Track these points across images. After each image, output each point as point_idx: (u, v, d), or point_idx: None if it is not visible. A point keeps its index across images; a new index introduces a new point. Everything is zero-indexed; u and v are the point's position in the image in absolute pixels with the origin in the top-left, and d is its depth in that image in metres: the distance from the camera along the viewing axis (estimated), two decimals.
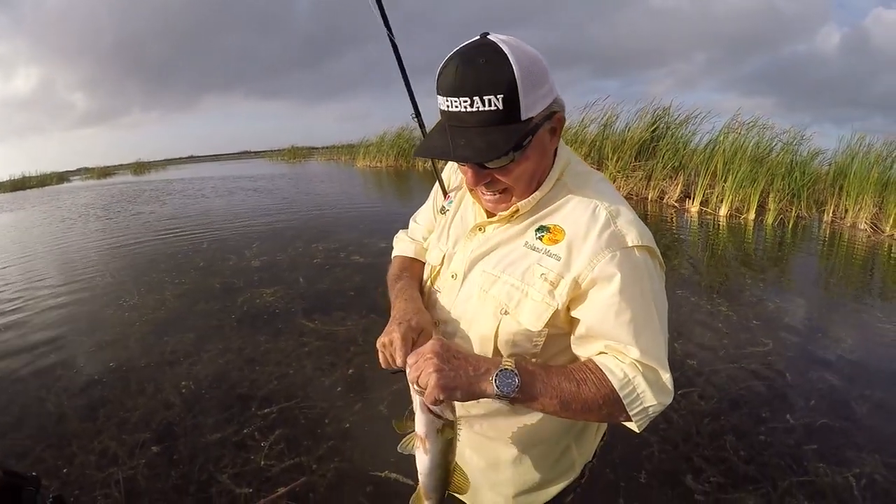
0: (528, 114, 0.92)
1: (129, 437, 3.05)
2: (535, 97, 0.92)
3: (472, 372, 0.94)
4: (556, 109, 0.99)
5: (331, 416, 3.16)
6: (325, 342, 4.20)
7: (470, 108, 0.90)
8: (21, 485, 0.80)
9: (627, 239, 0.98)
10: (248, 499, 2.51)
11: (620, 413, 0.96)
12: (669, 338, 1.00)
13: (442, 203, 1.33)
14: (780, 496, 2.50)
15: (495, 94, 0.88)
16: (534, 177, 1.04)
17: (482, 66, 0.88)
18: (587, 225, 1.00)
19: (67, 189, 25.68)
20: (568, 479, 1.29)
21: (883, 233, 8.24)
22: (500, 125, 0.91)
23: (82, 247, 8.97)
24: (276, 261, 6.86)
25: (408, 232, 1.47)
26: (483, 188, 1.05)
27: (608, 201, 1.03)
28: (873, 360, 3.90)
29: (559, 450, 1.25)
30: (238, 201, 14.10)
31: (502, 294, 1.04)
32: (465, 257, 1.14)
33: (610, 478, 2.63)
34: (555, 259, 1.00)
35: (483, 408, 1.18)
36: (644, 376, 0.95)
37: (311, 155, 36.54)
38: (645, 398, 0.95)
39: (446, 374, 0.92)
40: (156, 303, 5.40)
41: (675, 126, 11.51)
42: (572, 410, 0.96)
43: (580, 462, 1.30)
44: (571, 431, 1.24)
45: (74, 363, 4.09)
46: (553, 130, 1.02)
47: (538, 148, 0.99)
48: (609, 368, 0.96)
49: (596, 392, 0.95)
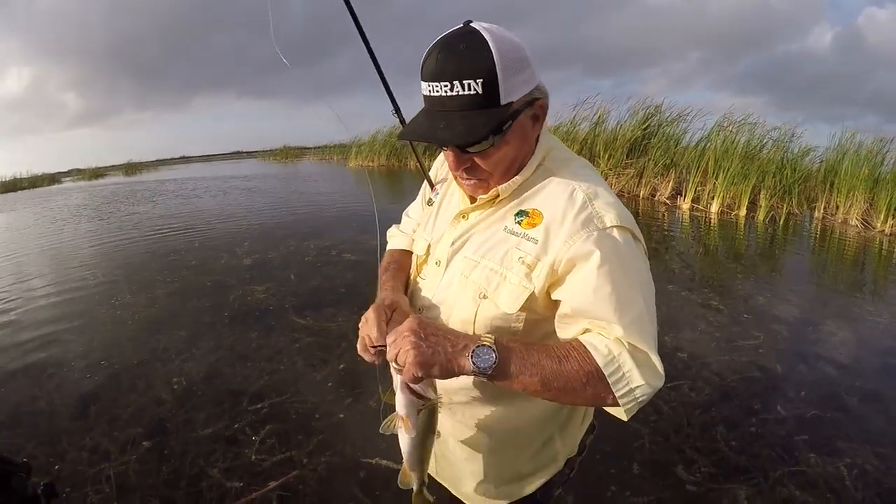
0: (508, 98, 0.93)
1: (121, 433, 3.06)
2: (514, 82, 0.93)
3: (451, 348, 0.93)
4: (538, 96, 1.00)
5: (321, 411, 3.18)
6: (317, 338, 4.21)
7: (450, 92, 0.92)
8: (11, 471, 0.80)
9: (606, 219, 0.98)
10: (239, 493, 2.52)
11: (606, 394, 0.92)
12: (660, 331, 0.99)
13: (429, 195, 1.35)
14: (772, 486, 2.52)
15: (475, 79, 0.90)
16: (514, 162, 1.05)
17: (463, 51, 0.91)
18: (564, 207, 1.00)
19: (59, 190, 25.51)
20: (550, 472, 1.28)
21: (874, 229, 8.30)
22: (480, 109, 0.92)
23: (74, 247, 8.94)
24: (268, 259, 6.88)
25: (399, 226, 1.49)
26: (463, 173, 1.05)
27: (587, 184, 1.03)
28: (864, 352, 3.94)
29: (541, 440, 1.24)
30: (230, 201, 14.06)
31: (481, 279, 1.05)
32: (447, 245, 1.15)
33: (601, 469, 2.64)
34: (532, 242, 1.01)
35: (465, 395, 1.17)
36: (630, 354, 0.92)
37: (303, 155, 36.39)
38: (632, 378, 0.91)
39: (423, 351, 0.92)
40: (147, 301, 5.40)
41: (667, 124, 11.58)
42: (554, 389, 0.92)
43: (563, 454, 1.29)
44: (555, 421, 1.24)
45: (66, 361, 4.08)
46: (535, 117, 1.03)
47: (518, 133, 1.00)
48: (593, 345, 0.93)
49: (579, 369, 0.91)
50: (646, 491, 2.51)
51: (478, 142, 0.96)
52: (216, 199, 14.55)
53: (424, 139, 0.99)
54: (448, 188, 1.27)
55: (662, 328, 3.89)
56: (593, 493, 2.49)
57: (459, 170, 1.04)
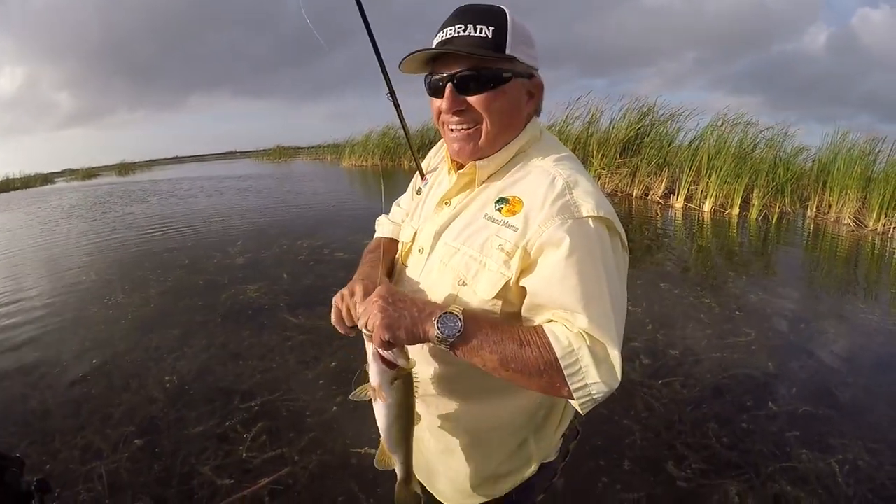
0: (513, 52, 1.00)
1: (113, 431, 3.07)
2: (521, 47, 1.01)
3: (417, 313, 0.96)
4: (536, 73, 1.08)
5: (312, 409, 3.20)
6: (309, 336, 4.23)
7: (463, 32, 0.99)
8: (5, 466, 0.81)
9: (582, 209, 0.97)
10: (230, 490, 2.54)
11: (561, 385, 0.92)
12: (652, 328, 1.00)
13: (419, 185, 1.37)
14: (763, 482, 2.53)
15: (487, 25, 0.98)
16: (503, 123, 1.06)
17: (480, 7, 1.01)
18: (544, 195, 1.00)
19: (52, 190, 25.43)
20: (524, 474, 1.26)
21: (866, 227, 8.33)
22: (487, 49, 0.98)
23: (67, 246, 8.93)
24: (261, 258, 6.89)
25: (389, 215, 1.50)
26: (454, 119, 1.07)
27: (568, 172, 1.04)
28: (855, 349, 3.97)
29: (516, 442, 1.23)
30: (224, 200, 14.06)
31: (461, 266, 1.06)
32: (431, 232, 1.16)
33: (592, 465, 2.66)
34: (512, 230, 1.01)
35: (439, 388, 1.17)
36: (590, 349, 0.91)
37: (296, 154, 36.34)
38: (588, 374, 0.92)
39: (390, 315, 0.95)
40: (140, 300, 5.41)
41: (660, 123, 11.62)
42: (511, 371, 0.93)
43: (537, 458, 1.27)
44: (531, 424, 1.22)
45: (59, 360, 4.09)
46: (530, 94, 1.08)
47: (513, 95, 1.05)
48: (555, 335, 0.93)
49: (538, 356, 0.92)
50: (636, 487, 2.52)
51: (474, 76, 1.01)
52: (210, 199, 14.54)
53: (424, 50, 1.03)
54: (436, 177, 1.28)
55: (655, 326, 3.88)
56: (583, 489, 2.51)
57: (452, 110, 1.05)
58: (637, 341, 3.88)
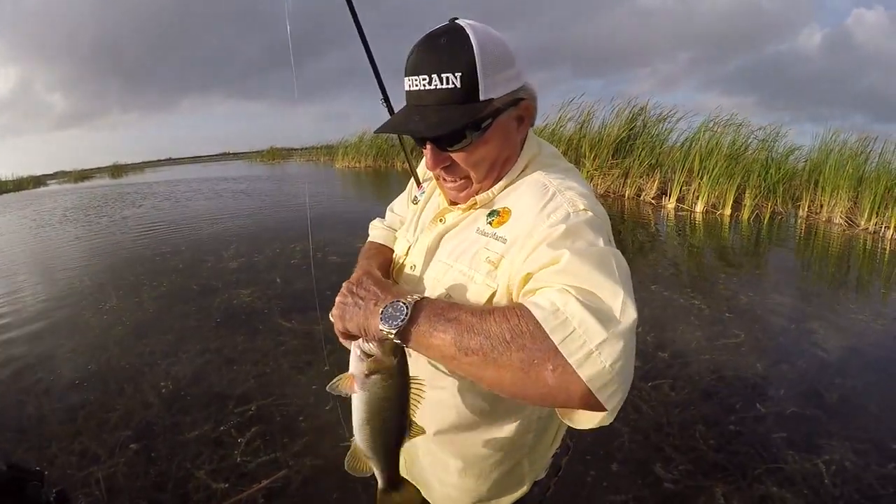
0: (489, 95, 0.91)
1: (109, 436, 3.11)
2: (496, 79, 0.91)
3: (373, 306, 0.87)
4: (523, 97, 0.98)
5: (306, 414, 3.24)
6: (302, 341, 4.26)
7: (428, 85, 0.90)
8: (26, 479, 0.82)
9: (577, 205, 0.92)
10: (225, 494, 2.59)
11: (545, 358, 0.69)
12: (642, 330, 0.89)
13: (415, 193, 1.33)
14: (750, 483, 2.55)
15: (453, 73, 0.88)
16: (494, 164, 1.01)
17: (442, 45, 0.90)
18: (533, 201, 0.95)
19: (44, 193, 25.26)
20: (515, 494, 1.25)
21: (857, 226, 8.39)
22: (458, 104, 0.90)
23: (60, 251, 8.91)
24: (254, 262, 6.91)
25: (383, 220, 1.46)
26: (444, 174, 1.03)
27: (560, 177, 1.00)
28: (845, 349, 4.00)
29: (509, 465, 1.20)
30: (217, 203, 14.02)
31: (451, 282, 1.02)
32: (423, 248, 1.13)
33: (580, 468, 2.69)
34: (500, 242, 0.96)
35: (430, 412, 1.08)
36: (579, 301, 0.71)
37: (290, 156, 36.19)
38: (588, 330, 0.69)
39: (345, 307, 0.92)
40: (134, 305, 5.43)
41: (652, 124, 11.63)
42: (472, 351, 0.74)
43: (530, 477, 1.25)
44: (524, 445, 1.19)
45: (54, 366, 4.11)
46: (520, 119, 1.01)
47: (500, 133, 0.97)
48: (533, 301, 0.75)
49: (503, 321, 0.74)
50: (624, 489, 2.55)
51: (451, 134, 0.93)
52: (203, 202, 14.50)
53: (396, 130, 1.00)
54: (432, 190, 1.25)
55: (645, 329, 3.91)
56: (571, 492, 2.53)
57: (437, 168, 1.01)
58: None
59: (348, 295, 0.93)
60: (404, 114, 0.97)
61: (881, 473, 2.62)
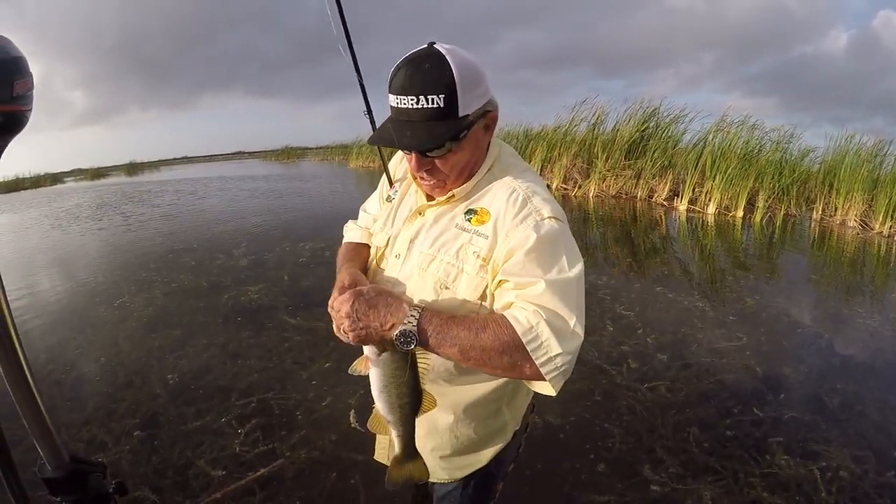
0: (465, 111, 1.08)
1: (116, 425, 3.22)
2: (471, 97, 1.08)
3: (380, 327, 1.05)
4: (489, 108, 1.16)
5: (304, 408, 3.33)
6: (306, 337, 4.36)
7: (416, 105, 1.06)
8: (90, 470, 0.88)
9: (543, 212, 1.12)
10: (222, 481, 2.68)
11: (524, 363, 1.00)
12: (643, 332, 1.09)
13: (388, 192, 1.47)
14: (741, 487, 2.54)
15: (437, 94, 1.04)
16: (467, 166, 1.19)
17: (427, 70, 1.06)
18: (508, 206, 1.14)
19: (62, 190, 25.54)
20: (500, 443, 1.40)
21: (872, 230, 8.30)
22: (441, 120, 1.07)
23: (76, 247, 9.13)
24: (263, 259, 7.03)
25: (357, 221, 1.59)
26: (424, 174, 1.19)
27: (526, 184, 1.18)
28: (849, 355, 3.96)
29: (492, 410, 1.35)
30: (229, 202, 14.24)
31: (440, 271, 1.18)
32: (406, 239, 1.28)
33: (567, 465, 2.70)
34: (483, 238, 1.14)
35: None
36: (548, 323, 0.99)
37: (304, 155, 36.39)
38: (550, 346, 0.98)
39: (358, 331, 1.06)
40: (145, 301, 5.56)
41: (665, 125, 11.55)
42: (473, 359, 1.02)
43: (511, 426, 1.41)
44: (503, 392, 1.33)
45: (65, 358, 4.24)
46: (486, 127, 1.19)
47: (472, 141, 1.15)
48: (513, 316, 1.01)
49: (495, 337, 1.00)
50: (607, 490, 2.54)
51: (438, 147, 1.10)
52: (216, 201, 14.72)
53: (393, 145, 1.13)
54: (407, 187, 1.39)
55: (645, 331, 3.91)
56: (554, 492, 2.53)
57: (421, 171, 1.18)
58: (626, 345, 3.94)
59: (356, 321, 1.07)
60: (395, 128, 1.12)
61: (878, 482, 2.58)
